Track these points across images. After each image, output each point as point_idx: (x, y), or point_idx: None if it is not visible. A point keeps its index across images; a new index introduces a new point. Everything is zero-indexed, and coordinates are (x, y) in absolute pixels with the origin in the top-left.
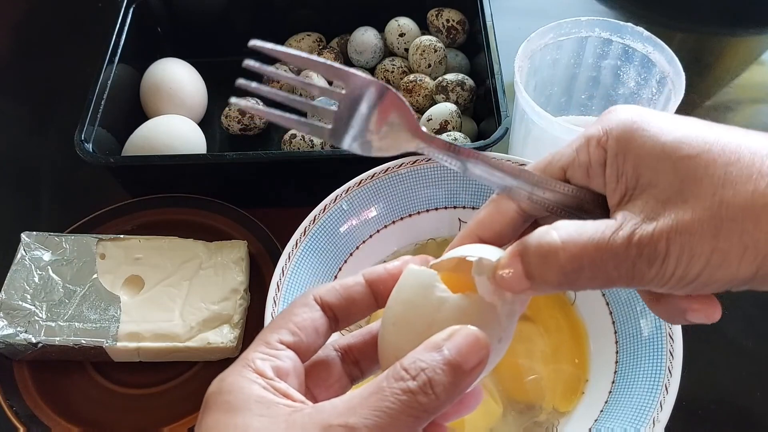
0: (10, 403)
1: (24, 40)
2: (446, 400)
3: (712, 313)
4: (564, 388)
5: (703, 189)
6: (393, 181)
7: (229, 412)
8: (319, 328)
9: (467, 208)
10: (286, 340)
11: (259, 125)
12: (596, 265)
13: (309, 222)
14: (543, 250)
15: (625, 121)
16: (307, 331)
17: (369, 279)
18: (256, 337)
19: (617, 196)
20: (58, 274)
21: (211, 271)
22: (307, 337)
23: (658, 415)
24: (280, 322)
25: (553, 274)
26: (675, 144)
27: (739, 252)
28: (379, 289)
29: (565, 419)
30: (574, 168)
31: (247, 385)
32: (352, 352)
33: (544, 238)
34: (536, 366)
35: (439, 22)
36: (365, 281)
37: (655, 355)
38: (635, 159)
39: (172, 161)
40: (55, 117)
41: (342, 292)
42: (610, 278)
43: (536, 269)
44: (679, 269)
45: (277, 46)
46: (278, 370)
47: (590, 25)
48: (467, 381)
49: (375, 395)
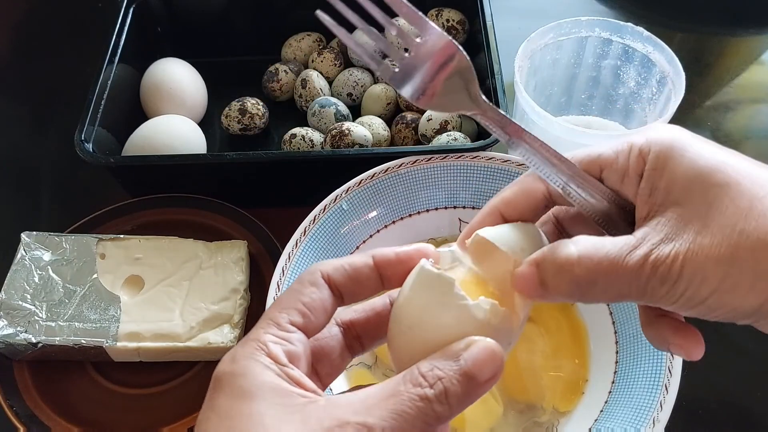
0: (10, 403)
1: (24, 40)
2: (458, 409)
3: (693, 351)
4: (564, 388)
5: (726, 217)
6: (393, 181)
7: (242, 397)
8: (327, 308)
9: (467, 208)
10: (297, 321)
11: (259, 125)
12: (609, 281)
13: (309, 222)
14: (559, 262)
15: (669, 138)
16: (316, 312)
17: (378, 261)
18: (265, 314)
19: (646, 209)
20: (58, 274)
21: (211, 271)
22: (317, 318)
23: (658, 415)
24: (289, 301)
25: (566, 285)
26: (709, 170)
27: (750, 281)
28: (387, 273)
29: (565, 419)
30: (611, 170)
31: (261, 370)
32: (355, 328)
33: (563, 250)
34: (537, 366)
35: (439, 22)
36: (374, 263)
37: (655, 355)
38: (670, 176)
39: (172, 161)
40: (55, 117)
41: (350, 271)
42: (622, 293)
43: (550, 279)
44: (690, 290)
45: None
46: (290, 355)
47: (590, 25)
48: (479, 392)
49: (393, 398)
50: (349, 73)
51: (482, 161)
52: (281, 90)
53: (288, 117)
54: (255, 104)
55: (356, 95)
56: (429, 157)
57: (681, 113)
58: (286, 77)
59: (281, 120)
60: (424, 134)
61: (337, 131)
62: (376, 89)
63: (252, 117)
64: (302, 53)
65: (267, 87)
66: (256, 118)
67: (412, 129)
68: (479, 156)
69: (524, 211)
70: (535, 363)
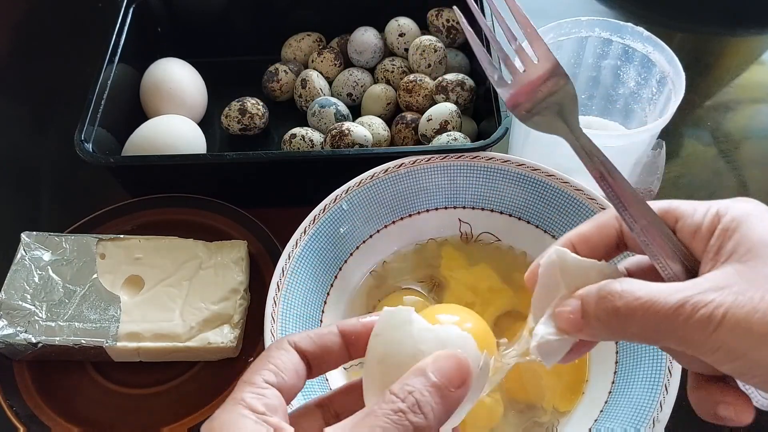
0: (10, 403)
1: (24, 40)
2: (435, 419)
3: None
4: (564, 388)
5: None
6: (393, 181)
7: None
8: (299, 371)
9: (467, 209)
10: (271, 380)
11: (259, 125)
12: (647, 317)
13: (309, 222)
14: (602, 294)
15: (747, 206)
16: (288, 373)
17: (343, 330)
18: (239, 381)
19: (709, 266)
20: (58, 274)
21: (211, 271)
22: (289, 378)
23: (658, 415)
24: (260, 364)
25: (605, 316)
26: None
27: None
28: (352, 340)
29: (565, 419)
30: (686, 222)
31: (240, 419)
32: (333, 406)
33: (608, 284)
34: (536, 366)
35: (439, 22)
36: (339, 331)
37: (655, 355)
38: (740, 237)
39: (172, 161)
40: (55, 117)
41: (316, 340)
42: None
43: (592, 309)
44: (731, 341)
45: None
46: (267, 407)
47: (590, 25)
48: (453, 400)
49: (368, 417)
50: (349, 73)
51: (482, 161)
52: (281, 90)
53: (288, 117)
54: (255, 104)
55: (356, 95)
56: (429, 157)
57: (681, 113)
58: (286, 77)
59: (281, 120)
60: (424, 134)
61: (337, 131)
62: (376, 89)
63: (252, 117)
64: (302, 53)
65: (267, 87)
66: (256, 118)
67: (412, 129)
68: (479, 156)
69: (596, 247)
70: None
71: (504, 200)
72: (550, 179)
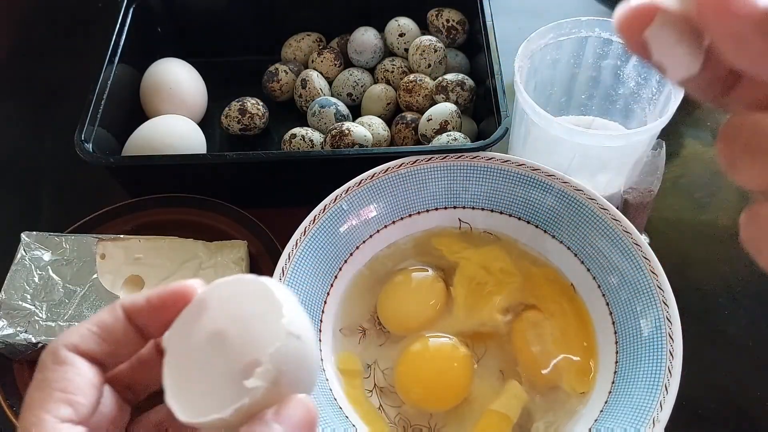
0: (10, 403)
1: (24, 40)
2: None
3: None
4: (577, 368)
5: None
6: (393, 181)
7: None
8: (95, 383)
9: (467, 208)
10: (65, 414)
11: (259, 125)
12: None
13: (309, 222)
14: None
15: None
16: (85, 395)
17: (128, 310)
18: (21, 425)
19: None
20: (58, 274)
21: (211, 271)
22: (87, 398)
23: (658, 415)
24: (43, 395)
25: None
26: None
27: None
28: (142, 323)
29: (566, 419)
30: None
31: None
32: (122, 380)
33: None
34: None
35: (439, 22)
36: (124, 315)
37: (655, 355)
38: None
39: (172, 161)
40: (55, 117)
41: (102, 335)
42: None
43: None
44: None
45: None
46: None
47: (590, 25)
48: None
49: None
50: (349, 73)
51: (482, 161)
52: (281, 90)
53: (288, 117)
54: (255, 104)
55: (356, 95)
56: (429, 157)
57: (681, 113)
58: (286, 77)
59: (281, 120)
60: (424, 134)
61: (337, 131)
62: (376, 89)
63: (252, 117)
64: (302, 53)
65: (267, 87)
66: (256, 118)
67: (412, 129)
68: (479, 156)
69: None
70: (547, 344)
71: (504, 200)
72: (550, 179)
